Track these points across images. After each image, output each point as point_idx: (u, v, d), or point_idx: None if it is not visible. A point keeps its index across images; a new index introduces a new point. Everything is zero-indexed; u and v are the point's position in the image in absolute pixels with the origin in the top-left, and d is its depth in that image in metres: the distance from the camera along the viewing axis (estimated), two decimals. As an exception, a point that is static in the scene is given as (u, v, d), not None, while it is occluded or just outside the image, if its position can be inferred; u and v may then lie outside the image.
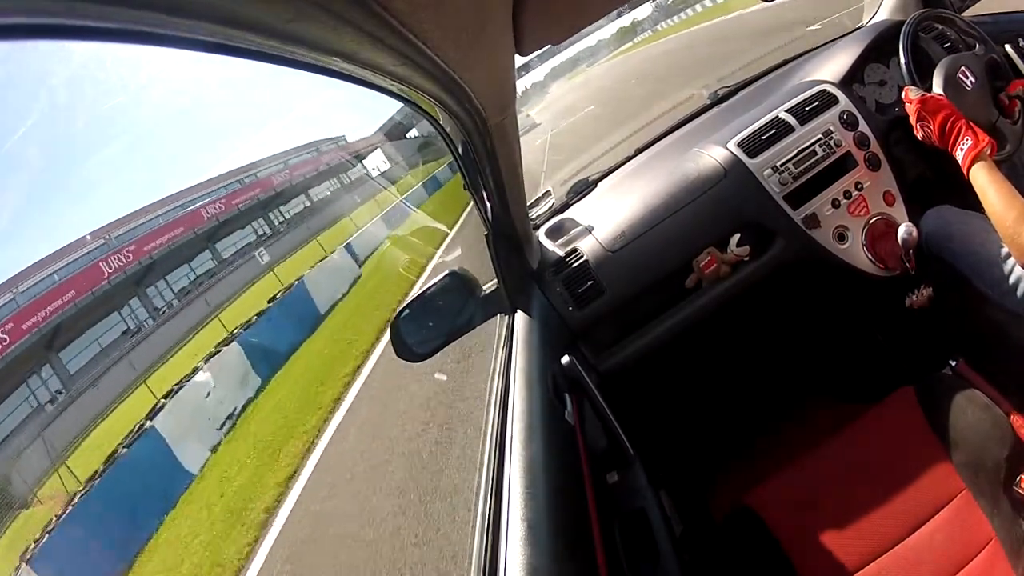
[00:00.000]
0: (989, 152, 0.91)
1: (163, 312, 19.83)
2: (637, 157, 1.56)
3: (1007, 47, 1.22)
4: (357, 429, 4.82)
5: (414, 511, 2.85)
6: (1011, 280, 0.94)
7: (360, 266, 12.57)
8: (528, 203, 1.37)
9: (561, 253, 1.23)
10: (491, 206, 1.00)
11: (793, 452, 1.07)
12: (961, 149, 0.93)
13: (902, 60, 1.12)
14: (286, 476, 4.73)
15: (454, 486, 2.84)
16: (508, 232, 1.08)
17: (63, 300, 16.77)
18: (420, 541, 2.62)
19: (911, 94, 1.04)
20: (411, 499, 2.97)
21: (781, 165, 1.15)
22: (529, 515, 0.60)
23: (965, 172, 0.93)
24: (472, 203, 1.01)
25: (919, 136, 1.04)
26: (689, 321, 1.17)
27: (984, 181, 0.88)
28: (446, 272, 1.12)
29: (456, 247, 9.04)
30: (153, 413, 7.75)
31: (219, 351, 9.13)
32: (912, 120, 1.04)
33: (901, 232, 1.04)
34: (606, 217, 1.25)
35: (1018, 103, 1.10)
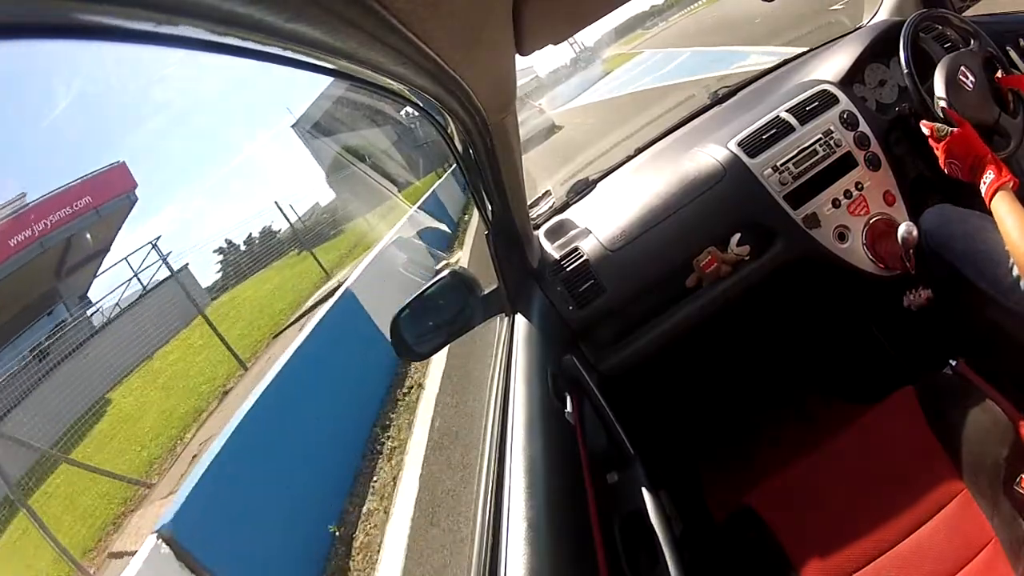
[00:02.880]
0: (1012, 186, 0.95)
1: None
2: (637, 157, 1.56)
3: (1007, 47, 1.22)
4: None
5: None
6: (1012, 277, 0.94)
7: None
8: (528, 203, 1.37)
9: (561, 253, 1.23)
10: (491, 206, 1.00)
11: (793, 452, 1.07)
12: (984, 182, 0.98)
13: (902, 60, 1.12)
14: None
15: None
16: (508, 231, 1.08)
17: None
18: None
19: (938, 133, 1.06)
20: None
21: (781, 165, 1.15)
22: (529, 515, 0.60)
23: (987, 203, 0.97)
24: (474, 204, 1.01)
25: (947, 172, 1.07)
26: (690, 321, 1.17)
27: (1004, 210, 0.92)
28: (446, 271, 1.12)
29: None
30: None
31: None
32: (940, 158, 1.07)
33: (901, 232, 1.04)
34: (606, 217, 1.25)
35: (1010, 95, 1.10)
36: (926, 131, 1.08)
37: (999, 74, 1.12)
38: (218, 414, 6.74)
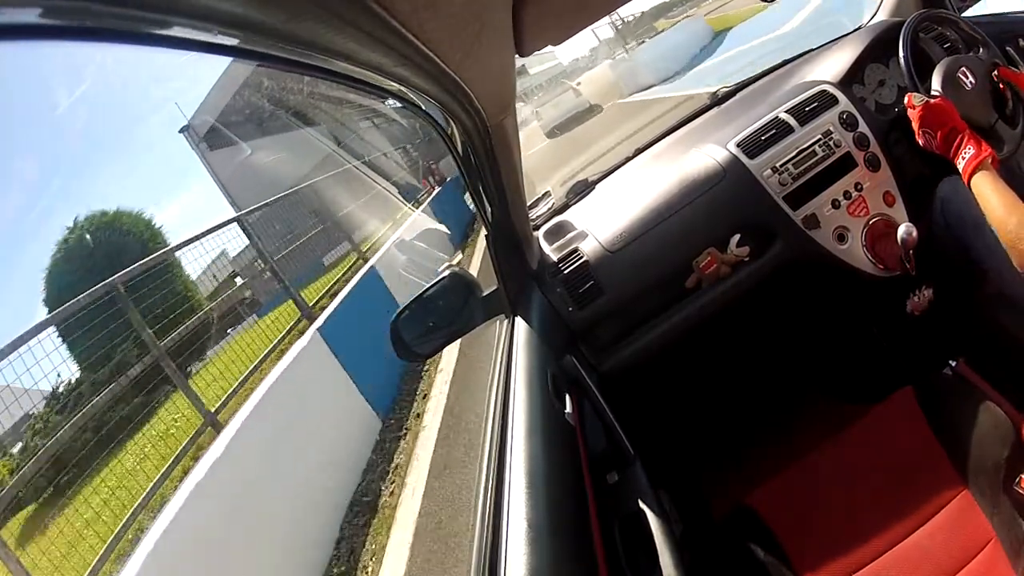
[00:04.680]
0: (991, 161, 0.92)
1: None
2: (637, 158, 1.56)
3: (1007, 47, 1.22)
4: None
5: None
6: None
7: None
8: (528, 204, 1.37)
9: (561, 254, 1.23)
10: (491, 207, 1.00)
11: (793, 452, 1.07)
12: (963, 158, 0.94)
13: (902, 61, 1.12)
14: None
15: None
16: (508, 233, 1.08)
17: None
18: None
19: (914, 100, 1.04)
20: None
21: (781, 165, 1.15)
22: (529, 515, 0.60)
23: (966, 181, 0.93)
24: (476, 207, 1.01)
25: (921, 143, 1.04)
26: (689, 321, 1.17)
27: (986, 189, 0.89)
28: (447, 272, 1.13)
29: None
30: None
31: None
32: (915, 127, 1.04)
33: (901, 232, 1.04)
34: (606, 218, 1.25)
35: (1008, 90, 1.09)
36: (905, 101, 1.05)
37: (996, 73, 1.11)
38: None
